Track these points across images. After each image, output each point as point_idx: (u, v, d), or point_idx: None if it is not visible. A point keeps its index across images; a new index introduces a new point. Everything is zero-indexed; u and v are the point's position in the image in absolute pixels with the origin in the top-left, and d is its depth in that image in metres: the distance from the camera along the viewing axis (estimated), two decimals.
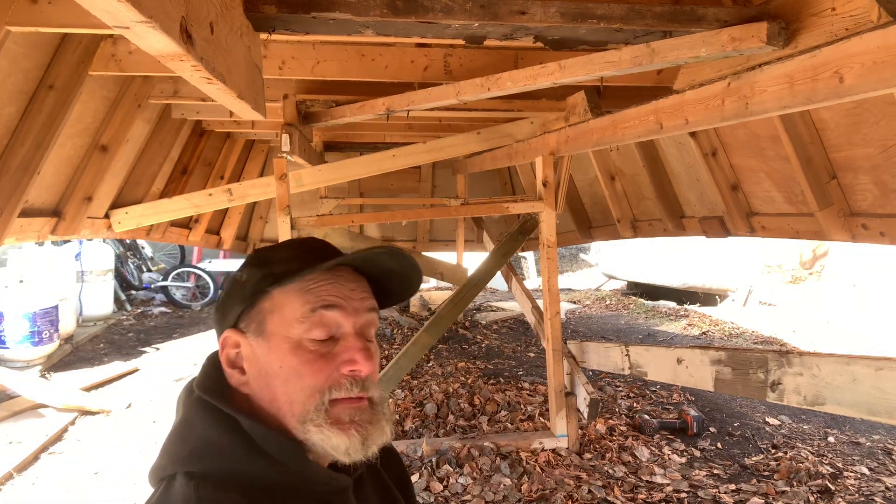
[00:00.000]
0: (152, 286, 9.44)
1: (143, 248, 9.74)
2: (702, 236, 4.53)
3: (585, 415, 3.70)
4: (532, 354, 6.27)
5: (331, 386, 0.79)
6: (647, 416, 4.41)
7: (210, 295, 9.13)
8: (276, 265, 0.83)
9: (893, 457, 4.13)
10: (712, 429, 4.49)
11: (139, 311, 8.67)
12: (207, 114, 4.71)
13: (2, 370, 4.95)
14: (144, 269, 9.65)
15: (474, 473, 3.51)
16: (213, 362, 0.87)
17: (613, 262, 11.14)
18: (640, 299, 9.99)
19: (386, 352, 6.17)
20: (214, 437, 0.77)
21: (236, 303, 0.84)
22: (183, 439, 0.79)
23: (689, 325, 8.14)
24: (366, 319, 0.84)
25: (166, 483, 0.76)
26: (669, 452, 4.03)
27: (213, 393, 0.81)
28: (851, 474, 3.79)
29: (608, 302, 9.97)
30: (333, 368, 0.80)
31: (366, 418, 0.80)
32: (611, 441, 4.07)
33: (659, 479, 3.61)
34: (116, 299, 8.53)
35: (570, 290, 11.21)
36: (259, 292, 0.82)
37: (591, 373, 5.11)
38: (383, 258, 0.86)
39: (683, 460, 3.94)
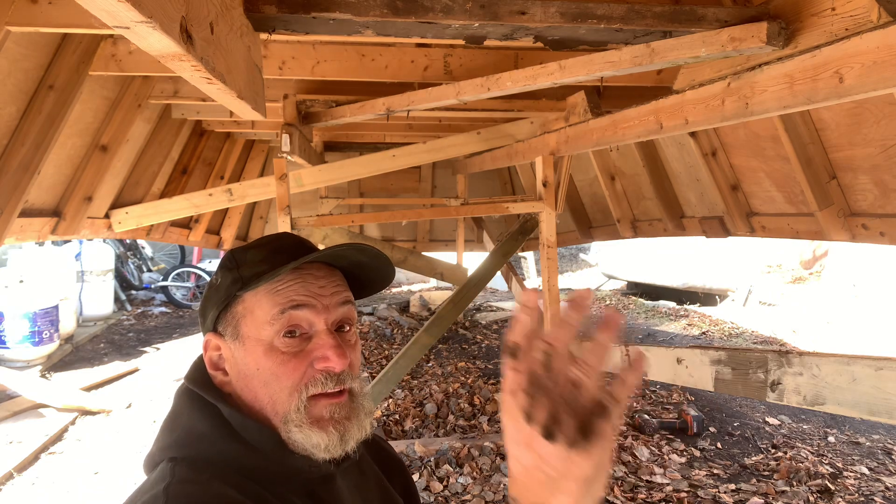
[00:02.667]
0: (152, 286, 9.44)
1: (143, 248, 9.74)
2: (702, 236, 4.52)
3: None
4: None
5: (307, 383, 0.80)
6: (647, 416, 4.41)
7: None
8: (246, 268, 0.84)
9: (893, 457, 4.13)
10: (712, 429, 4.49)
11: (139, 311, 8.68)
12: (207, 114, 4.70)
13: (2, 370, 4.95)
14: (144, 269, 9.65)
15: (474, 473, 3.51)
16: (202, 358, 0.90)
17: (613, 262, 11.13)
18: (640, 299, 9.99)
19: (386, 352, 6.18)
20: (197, 425, 0.80)
21: (212, 306, 0.87)
22: (171, 429, 0.82)
23: (689, 325, 8.14)
24: (339, 313, 0.85)
25: (154, 470, 0.79)
26: (669, 452, 4.03)
27: (199, 384, 0.85)
28: (851, 474, 3.79)
29: (608, 302, 9.97)
30: (307, 365, 0.81)
31: (344, 414, 0.81)
32: None
33: (659, 479, 3.61)
34: (116, 299, 8.53)
35: (570, 290, 11.21)
36: (231, 296, 0.84)
37: None
38: (348, 252, 0.86)
39: (683, 460, 3.94)
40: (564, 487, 0.51)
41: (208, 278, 9.15)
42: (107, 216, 4.69)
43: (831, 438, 4.39)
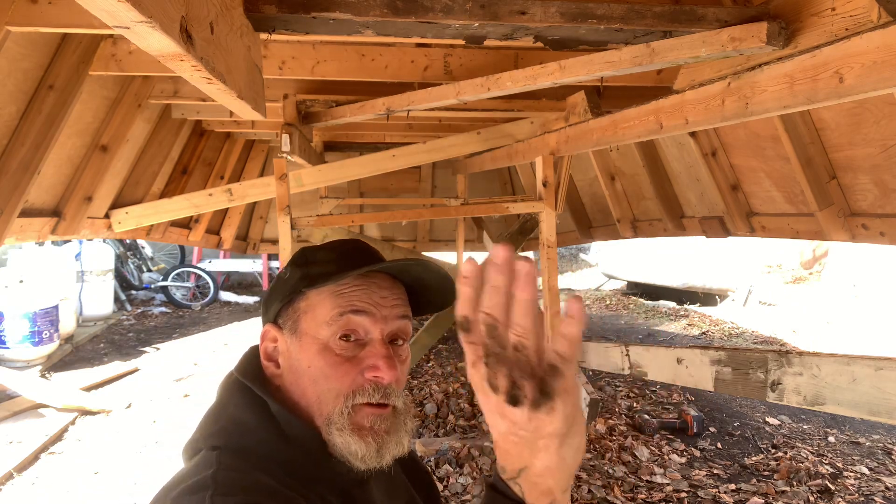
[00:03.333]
0: (152, 286, 9.44)
1: (143, 248, 9.74)
2: (702, 236, 4.52)
3: (585, 415, 3.70)
4: None
5: (355, 390, 0.82)
6: (647, 416, 4.41)
7: (210, 295, 9.13)
8: (315, 266, 0.87)
9: (893, 457, 4.13)
10: (712, 429, 4.49)
11: (139, 311, 8.67)
12: (207, 114, 4.70)
13: (2, 370, 4.95)
14: (144, 269, 9.65)
15: (474, 473, 3.51)
16: (254, 351, 0.91)
17: (613, 262, 11.12)
18: (640, 299, 9.99)
19: None
20: (243, 416, 0.82)
21: (277, 299, 0.89)
22: (216, 418, 0.83)
23: (689, 325, 8.14)
24: (396, 326, 0.86)
25: (196, 456, 0.80)
26: (669, 452, 4.03)
27: (249, 376, 0.86)
28: (851, 474, 3.80)
29: (608, 302, 9.97)
30: (358, 373, 0.82)
31: (385, 427, 0.82)
32: (611, 441, 4.07)
33: (659, 479, 3.62)
34: (116, 299, 8.53)
35: (570, 290, 11.20)
36: (296, 291, 0.86)
37: (591, 373, 5.11)
38: (415, 268, 0.88)
39: (683, 460, 3.94)
40: (541, 445, 0.53)
41: (208, 278, 9.17)
42: (107, 216, 4.69)
43: (831, 438, 4.39)
